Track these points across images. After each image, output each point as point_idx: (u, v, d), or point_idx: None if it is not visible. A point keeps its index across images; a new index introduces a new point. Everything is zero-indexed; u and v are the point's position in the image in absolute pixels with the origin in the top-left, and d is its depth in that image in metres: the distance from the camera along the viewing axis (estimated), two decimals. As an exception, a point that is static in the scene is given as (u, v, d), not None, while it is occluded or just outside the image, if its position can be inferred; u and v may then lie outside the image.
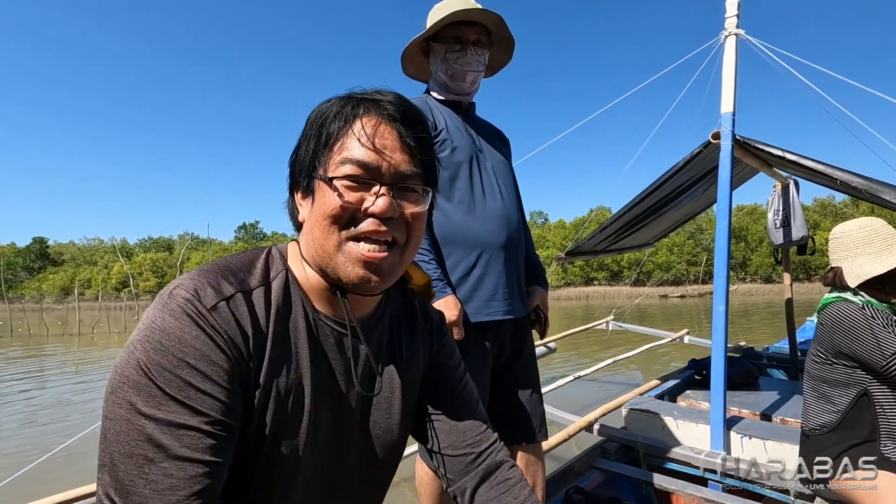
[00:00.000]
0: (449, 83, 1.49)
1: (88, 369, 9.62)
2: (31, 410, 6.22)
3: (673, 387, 2.97)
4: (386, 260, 0.64)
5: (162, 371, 0.54)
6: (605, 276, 53.67)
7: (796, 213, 3.15)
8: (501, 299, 1.43)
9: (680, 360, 7.10)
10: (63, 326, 20.92)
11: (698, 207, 3.69)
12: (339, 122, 0.64)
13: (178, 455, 0.52)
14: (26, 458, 4.07)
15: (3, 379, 8.66)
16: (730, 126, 2.17)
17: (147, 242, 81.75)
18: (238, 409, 0.59)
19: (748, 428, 2.28)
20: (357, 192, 0.63)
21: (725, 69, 2.20)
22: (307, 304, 0.68)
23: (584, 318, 19.66)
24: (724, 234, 2.18)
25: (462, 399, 0.85)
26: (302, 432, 0.65)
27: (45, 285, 67.35)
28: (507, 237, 1.46)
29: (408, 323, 0.83)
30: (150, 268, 63.22)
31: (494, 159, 1.55)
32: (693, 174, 2.66)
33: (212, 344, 0.56)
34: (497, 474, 0.79)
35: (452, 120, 1.50)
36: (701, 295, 36.55)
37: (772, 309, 20.72)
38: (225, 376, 0.57)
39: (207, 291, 0.59)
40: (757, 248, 48.39)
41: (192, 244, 67.83)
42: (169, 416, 0.53)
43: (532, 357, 1.61)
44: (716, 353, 2.21)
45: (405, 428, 0.80)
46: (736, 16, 2.22)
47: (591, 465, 2.37)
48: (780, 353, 3.92)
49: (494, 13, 1.44)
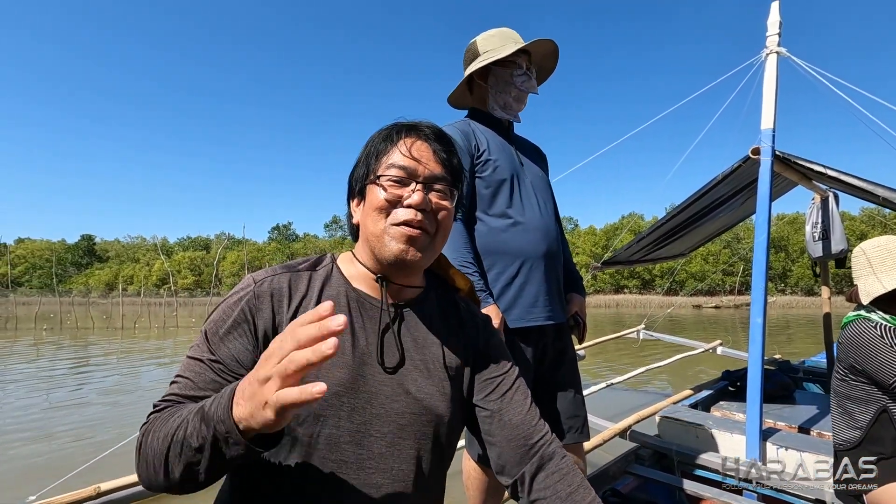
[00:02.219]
0: (513, 104, 1.64)
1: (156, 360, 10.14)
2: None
3: (706, 397, 2.98)
4: (420, 238, 0.80)
5: (210, 324, 0.77)
6: (637, 285, 52.41)
7: (835, 225, 3.11)
8: (542, 306, 1.54)
9: (709, 371, 6.97)
10: (107, 320, 22.00)
11: (735, 219, 3.68)
12: (388, 142, 0.84)
13: (185, 375, 0.73)
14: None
15: (76, 364, 9.24)
16: (770, 142, 2.21)
17: (186, 241, 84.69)
18: (248, 363, 0.75)
19: (784, 439, 2.29)
20: (398, 189, 0.80)
21: (766, 86, 2.23)
22: (348, 287, 0.85)
23: (614, 326, 19.32)
24: (763, 247, 2.21)
25: (514, 393, 0.90)
26: (339, 386, 0.76)
27: (92, 280, 70.71)
28: (547, 248, 1.57)
29: (454, 315, 0.94)
30: (189, 266, 65.51)
31: (533, 174, 1.66)
32: (731, 187, 2.69)
33: (241, 312, 0.76)
34: (551, 464, 0.85)
35: (495, 139, 1.62)
36: (737, 306, 35.26)
37: (814, 322, 19.90)
38: (248, 335, 0.75)
39: (261, 274, 0.81)
40: (798, 258, 46.16)
41: (227, 244, 69.94)
42: (194, 353, 0.75)
43: (574, 360, 1.69)
44: (752, 363, 2.24)
45: (452, 406, 0.86)
46: (777, 34, 2.25)
47: (625, 469, 2.42)
48: (817, 367, 3.85)
49: (554, 42, 1.64)
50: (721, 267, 45.68)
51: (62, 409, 5.80)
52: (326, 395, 0.74)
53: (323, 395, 0.49)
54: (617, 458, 2.46)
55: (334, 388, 0.76)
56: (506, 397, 0.90)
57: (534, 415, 0.90)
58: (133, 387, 7.34)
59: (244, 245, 47.83)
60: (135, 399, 6.44)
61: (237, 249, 61.96)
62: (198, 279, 63.11)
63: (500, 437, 0.87)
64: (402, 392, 0.81)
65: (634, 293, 50.76)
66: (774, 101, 2.22)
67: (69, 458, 3.98)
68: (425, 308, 0.91)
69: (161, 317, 23.29)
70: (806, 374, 3.71)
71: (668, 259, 3.92)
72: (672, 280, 48.16)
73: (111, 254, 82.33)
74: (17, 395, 6.70)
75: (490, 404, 0.89)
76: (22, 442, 4.53)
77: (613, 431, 2.66)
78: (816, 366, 3.92)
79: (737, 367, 3.22)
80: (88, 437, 4.67)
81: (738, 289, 44.14)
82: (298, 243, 71.59)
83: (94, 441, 4.54)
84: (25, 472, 3.78)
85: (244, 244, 48.36)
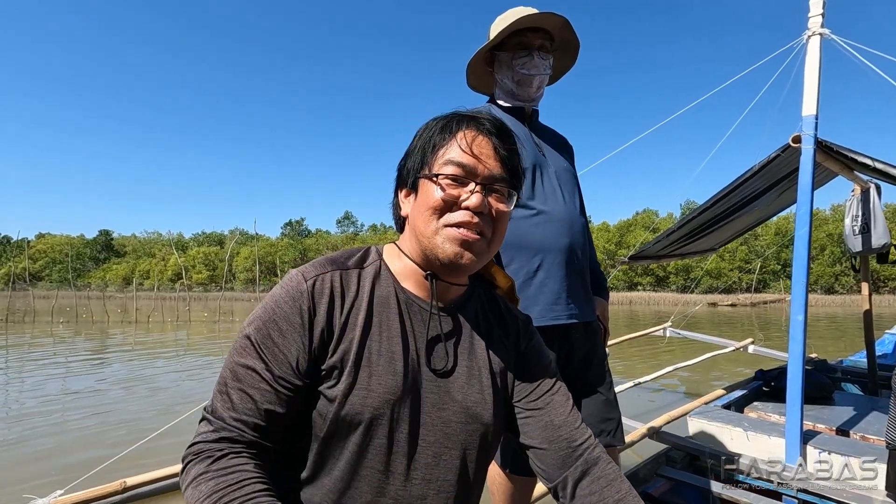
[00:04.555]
0: (515, 90, 1.50)
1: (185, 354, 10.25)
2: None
3: (739, 397, 2.87)
4: (477, 242, 0.75)
5: (258, 324, 0.71)
6: (650, 282, 51.77)
7: (877, 218, 2.97)
8: (565, 303, 1.42)
9: (732, 369, 6.83)
10: (122, 314, 22.35)
11: (769, 212, 3.54)
12: (446, 133, 0.78)
13: (241, 388, 0.69)
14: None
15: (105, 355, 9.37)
16: (812, 129, 2.08)
17: (201, 237, 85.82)
18: (305, 369, 0.71)
19: (826, 443, 2.19)
20: (455, 189, 0.75)
21: (808, 70, 2.10)
22: (398, 287, 0.80)
23: (629, 324, 19.14)
24: (804, 241, 2.10)
25: (556, 394, 0.87)
26: (391, 394, 0.73)
27: (109, 275, 72.01)
28: (571, 241, 1.45)
29: (495, 315, 0.91)
30: (203, 261, 66.36)
31: (558, 165, 1.55)
32: (766, 179, 2.57)
33: (297, 311, 0.71)
34: (596, 469, 0.81)
35: (516, 128, 1.51)
36: (754, 304, 34.76)
37: (834, 321, 19.47)
38: (299, 339, 0.71)
39: (310, 271, 0.76)
40: (817, 256, 45.05)
41: (240, 239, 70.69)
42: (247, 361, 0.70)
43: (604, 360, 1.59)
44: (793, 363, 2.13)
45: (496, 412, 0.82)
46: (821, 14, 2.12)
47: (655, 472, 2.35)
48: (856, 366, 3.71)
49: (560, 16, 1.43)
50: (738, 264, 44.94)
51: (81, 400, 5.85)
52: (377, 403, 0.72)
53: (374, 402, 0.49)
54: (647, 460, 2.38)
55: (385, 395, 0.72)
56: (546, 398, 0.87)
57: (576, 417, 0.86)
58: (148, 380, 7.39)
59: (256, 240, 48.10)
60: (148, 392, 6.49)
61: (250, 245, 62.60)
62: (212, 274, 63.88)
63: (540, 439, 0.83)
64: (449, 399, 0.78)
65: (648, 290, 50.18)
66: (817, 86, 2.09)
67: (91, 452, 4.00)
68: (469, 309, 0.87)
69: (175, 311, 23.59)
70: (844, 375, 3.57)
71: (697, 254, 3.79)
72: (688, 277, 47.53)
73: (128, 249, 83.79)
74: (32, 383, 6.78)
75: (531, 405, 0.86)
76: (37, 436, 4.56)
77: (642, 433, 2.58)
78: (855, 365, 3.77)
79: (769, 367, 3.09)
80: (107, 432, 4.69)
81: (755, 286, 43.46)
82: (310, 239, 72.04)
83: (114, 436, 4.55)
84: (44, 464, 3.80)
85: (256, 239, 48.63)
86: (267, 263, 58.88)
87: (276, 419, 0.70)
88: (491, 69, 1.57)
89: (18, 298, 25.59)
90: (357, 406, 0.71)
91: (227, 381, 0.70)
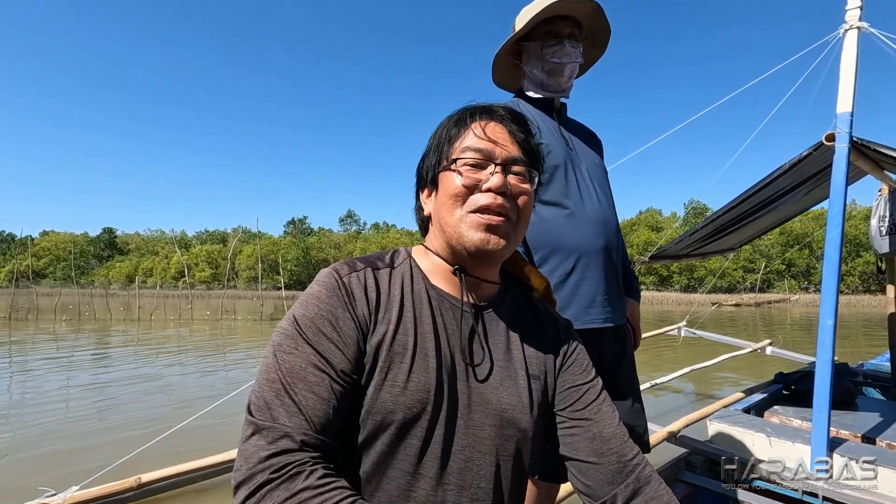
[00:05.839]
0: (546, 80, 1.45)
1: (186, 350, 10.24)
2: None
3: (759, 401, 2.81)
4: (502, 225, 0.74)
5: (305, 321, 0.68)
6: (653, 281, 51.62)
7: (905, 219, 2.90)
8: (600, 306, 1.37)
9: (742, 371, 6.76)
10: (125, 312, 22.38)
11: (794, 211, 3.46)
12: (460, 125, 0.79)
13: (306, 389, 0.64)
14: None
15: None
16: (846, 127, 2.01)
17: (203, 235, 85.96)
18: (357, 363, 0.68)
19: (853, 451, 2.12)
20: (475, 174, 0.74)
21: (844, 66, 2.03)
22: (428, 285, 0.79)
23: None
24: (836, 243, 2.04)
25: (602, 404, 0.83)
26: (424, 391, 0.70)
27: (113, 273, 72.24)
28: (606, 242, 1.40)
29: (533, 317, 0.87)
30: (206, 259, 66.46)
31: (589, 161, 1.50)
32: (795, 177, 2.49)
33: (340, 304, 0.70)
34: (648, 489, 0.76)
35: (545, 123, 1.46)
36: (758, 304, 34.57)
37: (843, 323, 19.33)
38: (350, 332, 0.69)
39: (344, 268, 0.76)
40: (823, 256, 44.83)
41: (243, 237, 70.75)
42: (304, 359, 0.66)
43: (632, 364, 1.54)
44: (821, 368, 2.06)
45: (537, 426, 0.78)
46: (859, 7, 2.04)
47: (675, 477, 2.29)
48: (878, 370, 3.63)
49: (592, 1, 1.38)
50: (742, 263, 44.73)
51: (88, 398, 5.83)
52: (409, 402, 0.69)
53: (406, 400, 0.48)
54: (665, 465, 2.32)
55: (418, 393, 0.69)
56: (594, 407, 0.82)
57: (624, 429, 0.81)
58: (154, 377, 7.36)
59: (259, 238, 48.13)
60: (157, 389, 6.45)
61: (252, 243, 62.65)
62: (215, 272, 63.98)
63: (587, 452, 0.78)
64: (482, 402, 0.74)
65: (651, 290, 50.04)
66: (854, 83, 2.02)
67: (104, 448, 3.98)
68: (504, 308, 0.84)
69: (178, 309, 23.62)
70: (866, 379, 3.50)
71: (718, 253, 3.72)
72: (691, 276, 47.39)
73: (131, 247, 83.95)
74: (35, 381, 6.76)
75: (576, 414, 0.81)
76: (48, 433, 4.53)
77: (660, 437, 2.51)
78: (878, 369, 3.68)
79: (789, 370, 3.03)
80: (115, 427, 4.66)
81: (759, 286, 43.28)
82: (313, 237, 72.05)
83: (124, 432, 4.53)
84: (59, 462, 3.77)
85: (259, 237, 48.66)
86: (269, 262, 58.93)
87: (338, 419, 0.66)
88: (518, 62, 1.52)
89: (22, 296, 25.65)
90: (389, 404, 0.68)
91: (284, 385, 0.63)
